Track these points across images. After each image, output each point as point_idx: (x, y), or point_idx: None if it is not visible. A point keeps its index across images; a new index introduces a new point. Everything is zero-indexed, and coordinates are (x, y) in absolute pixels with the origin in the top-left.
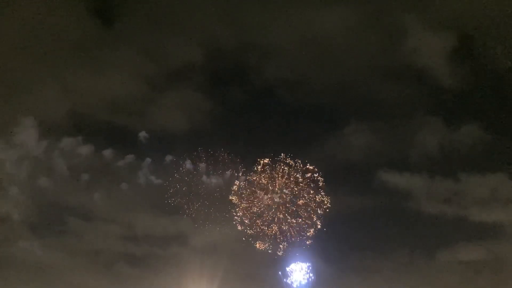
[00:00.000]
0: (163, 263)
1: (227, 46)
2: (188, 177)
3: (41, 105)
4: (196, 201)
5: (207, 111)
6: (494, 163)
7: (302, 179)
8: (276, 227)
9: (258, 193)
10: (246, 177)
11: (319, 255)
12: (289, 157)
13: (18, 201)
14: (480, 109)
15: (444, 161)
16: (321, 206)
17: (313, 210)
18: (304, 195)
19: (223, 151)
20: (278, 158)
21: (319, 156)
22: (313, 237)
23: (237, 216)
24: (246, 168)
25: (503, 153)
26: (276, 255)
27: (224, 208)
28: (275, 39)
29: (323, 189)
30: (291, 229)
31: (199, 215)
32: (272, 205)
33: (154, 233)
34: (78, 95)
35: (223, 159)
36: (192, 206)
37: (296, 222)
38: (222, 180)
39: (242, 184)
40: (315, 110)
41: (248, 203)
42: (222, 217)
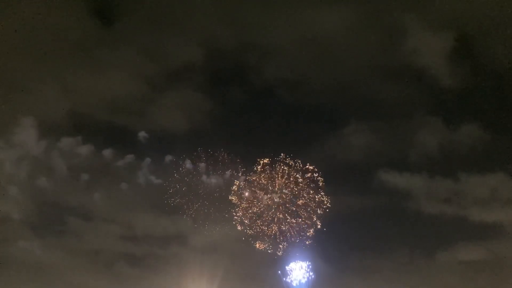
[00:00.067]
0: (163, 263)
1: (227, 46)
2: (188, 177)
3: (41, 105)
4: (196, 201)
5: (207, 111)
6: (494, 163)
7: (302, 179)
8: (276, 227)
9: (258, 193)
10: (246, 177)
11: (319, 255)
12: (289, 157)
13: (18, 201)
14: (480, 109)
15: (444, 161)
16: (320, 206)
17: (312, 210)
18: (304, 195)
19: (223, 151)
20: (278, 158)
21: (319, 156)
22: (313, 237)
23: (237, 216)
24: (246, 168)
25: (503, 153)
26: (276, 255)
27: (224, 208)
28: (275, 39)
29: (323, 189)
30: (291, 229)
31: (199, 215)
32: (272, 205)
33: (154, 233)
34: (78, 95)
35: (223, 159)
36: (192, 206)
37: (296, 222)
38: (222, 180)
39: (242, 184)
40: (315, 110)
41: (248, 203)
42: (222, 217)
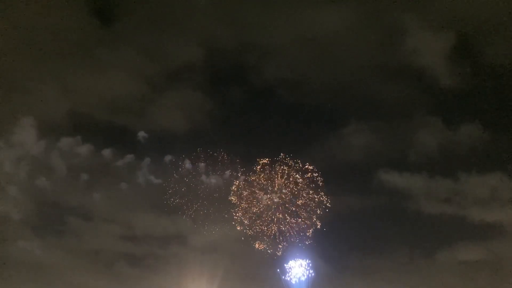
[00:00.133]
0: (163, 263)
1: (227, 46)
2: (187, 177)
3: (41, 105)
4: (195, 201)
5: (207, 111)
6: (494, 163)
7: (302, 179)
8: (276, 227)
9: (257, 193)
10: (245, 177)
11: (319, 255)
12: (288, 157)
13: (18, 201)
14: (480, 109)
15: (443, 161)
16: (320, 206)
17: (312, 210)
18: (304, 195)
19: (222, 151)
20: (278, 158)
21: (319, 156)
22: (313, 237)
23: (236, 216)
24: (245, 168)
25: (503, 153)
26: (276, 255)
27: (223, 208)
28: (275, 39)
29: (322, 189)
30: (290, 229)
31: (199, 215)
32: (271, 205)
33: (154, 233)
34: (78, 95)
35: (223, 159)
36: (192, 206)
37: (296, 222)
38: (221, 180)
39: (242, 184)
40: (315, 110)
41: (248, 203)
42: (221, 217)
